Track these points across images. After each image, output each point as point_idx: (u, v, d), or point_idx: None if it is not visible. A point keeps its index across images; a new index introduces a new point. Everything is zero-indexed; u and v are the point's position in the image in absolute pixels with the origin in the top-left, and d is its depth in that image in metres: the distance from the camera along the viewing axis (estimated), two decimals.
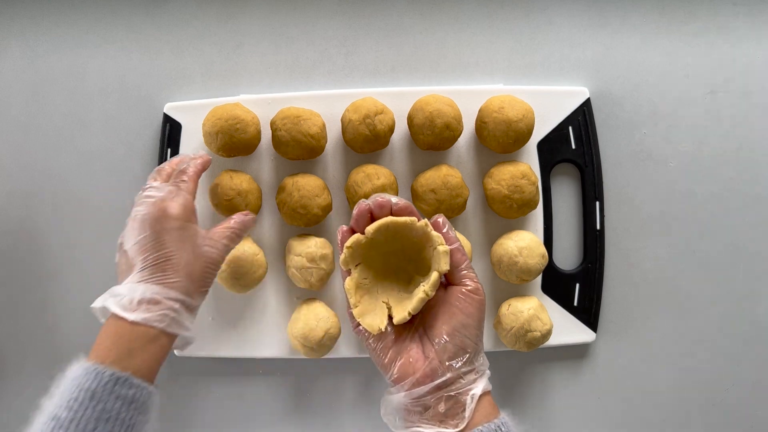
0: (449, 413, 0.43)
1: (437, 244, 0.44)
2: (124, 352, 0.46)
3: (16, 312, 0.67)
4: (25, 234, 0.67)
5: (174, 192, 0.52)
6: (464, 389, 0.43)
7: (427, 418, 0.43)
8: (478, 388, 0.43)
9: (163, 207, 0.50)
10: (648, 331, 0.68)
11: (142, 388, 0.45)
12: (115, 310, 0.47)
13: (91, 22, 0.66)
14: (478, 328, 0.44)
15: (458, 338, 0.43)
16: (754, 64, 0.67)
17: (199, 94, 0.66)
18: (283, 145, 0.61)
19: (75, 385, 0.44)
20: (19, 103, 0.66)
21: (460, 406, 0.43)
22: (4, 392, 0.68)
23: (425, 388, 0.43)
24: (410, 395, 0.43)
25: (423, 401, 0.43)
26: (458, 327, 0.44)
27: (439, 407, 0.43)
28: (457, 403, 0.43)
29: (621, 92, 0.67)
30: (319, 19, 0.66)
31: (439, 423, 0.42)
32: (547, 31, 0.67)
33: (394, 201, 0.45)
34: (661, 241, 0.67)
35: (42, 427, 0.43)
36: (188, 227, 0.51)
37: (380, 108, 0.60)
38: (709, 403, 0.68)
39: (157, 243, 0.49)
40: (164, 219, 0.50)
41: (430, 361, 0.43)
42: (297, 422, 0.68)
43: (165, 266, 0.48)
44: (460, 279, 0.45)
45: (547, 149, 0.65)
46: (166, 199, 0.51)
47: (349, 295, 0.45)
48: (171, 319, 0.48)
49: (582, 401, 0.68)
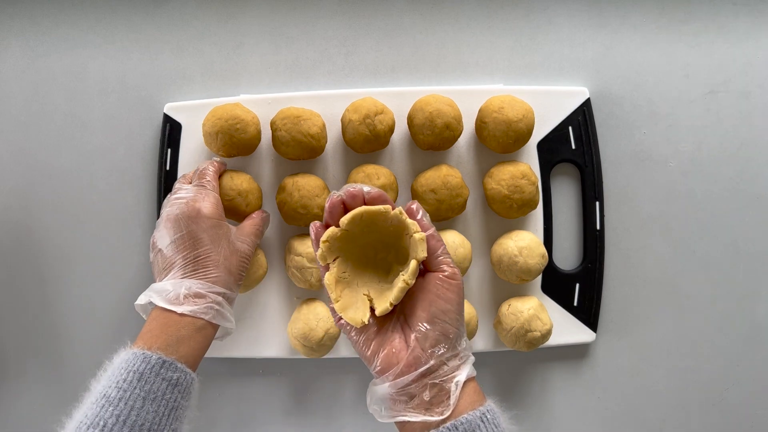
0: (434, 401, 0.43)
1: (413, 232, 0.44)
2: (173, 340, 0.49)
3: (16, 312, 0.67)
4: (25, 234, 0.67)
5: (203, 192, 0.55)
6: (448, 376, 0.43)
7: (412, 406, 0.43)
8: (462, 375, 0.43)
9: (196, 207, 0.54)
10: (648, 331, 0.68)
11: (186, 373, 0.48)
12: (163, 304, 0.50)
13: (91, 22, 0.66)
14: (458, 312, 0.44)
15: (439, 325, 0.43)
16: (754, 64, 0.67)
17: (199, 94, 0.66)
18: (283, 145, 0.61)
19: (124, 367, 0.46)
20: (19, 103, 0.67)
21: (444, 394, 0.43)
22: (4, 392, 0.68)
23: (409, 377, 0.43)
24: (395, 385, 0.43)
25: (408, 390, 0.43)
26: (438, 313, 0.44)
27: (423, 395, 0.43)
28: (441, 390, 0.43)
29: (621, 92, 0.67)
30: (319, 19, 0.66)
31: (425, 411, 0.43)
32: (547, 31, 0.67)
33: (366, 190, 0.44)
34: (661, 241, 0.67)
35: (92, 404, 0.45)
36: (221, 225, 0.55)
37: (380, 108, 0.60)
38: (709, 403, 0.68)
39: (195, 241, 0.53)
40: (199, 218, 0.53)
41: (412, 350, 0.43)
42: (297, 422, 0.68)
43: (206, 263, 0.53)
44: (437, 265, 0.45)
45: (547, 149, 0.65)
46: (198, 199, 0.54)
47: (329, 290, 0.45)
48: (216, 311, 0.52)
49: (582, 401, 0.68)
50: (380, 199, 0.44)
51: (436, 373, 0.43)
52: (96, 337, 0.67)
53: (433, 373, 0.43)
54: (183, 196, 0.55)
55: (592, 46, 0.67)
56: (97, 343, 0.67)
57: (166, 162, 0.65)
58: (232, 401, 0.68)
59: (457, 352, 0.44)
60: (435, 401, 0.43)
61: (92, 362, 0.67)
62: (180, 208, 0.54)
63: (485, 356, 0.67)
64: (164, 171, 0.65)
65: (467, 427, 0.42)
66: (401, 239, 0.46)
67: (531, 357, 0.68)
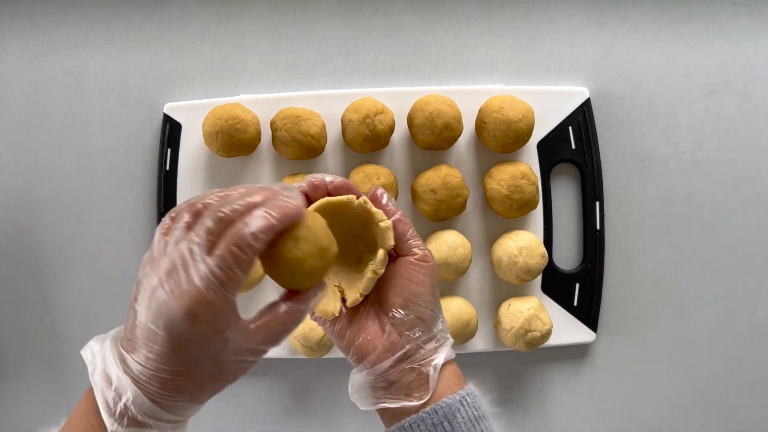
0: (413, 385, 0.42)
1: (379, 221, 0.43)
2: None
3: (16, 312, 0.67)
4: (25, 234, 0.67)
5: (219, 279, 0.34)
6: (426, 360, 0.43)
7: (391, 392, 0.42)
8: (440, 358, 0.43)
9: (192, 311, 0.34)
10: (648, 331, 0.68)
11: None
12: (99, 399, 0.37)
13: (91, 22, 0.66)
14: (431, 294, 0.43)
15: (413, 308, 0.43)
16: (754, 64, 0.67)
17: (199, 94, 0.66)
18: (283, 145, 0.61)
19: None
20: (19, 103, 0.66)
21: (423, 378, 0.42)
22: (4, 392, 0.68)
23: (386, 363, 0.42)
24: (372, 372, 0.43)
25: (386, 376, 0.43)
26: (411, 297, 0.43)
27: (402, 380, 0.42)
28: (419, 375, 0.42)
29: (621, 92, 0.67)
30: (319, 19, 0.66)
31: (404, 396, 0.42)
32: (547, 31, 0.67)
33: (329, 180, 0.43)
34: (661, 241, 0.67)
35: None
36: (218, 339, 0.36)
37: (380, 108, 0.60)
38: (709, 403, 0.68)
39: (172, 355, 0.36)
40: (190, 324, 0.35)
41: (387, 336, 0.43)
42: (297, 422, 0.68)
43: (172, 384, 0.37)
44: (408, 249, 0.44)
45: (547, 149, 0.65)
46: (203, 290, 0.34)
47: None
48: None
49: (582, 401, 0.68)
50: (344, 188, 0.43)
51: (413, 357, 0.42)
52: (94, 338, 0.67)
53: (410, 358, 0.42)
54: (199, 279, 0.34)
55: (592, 46, 0.67)
56: None
57: (166, 162, 0.65)
58: (232, 401, 0.68)
59: (433, 335, 0.43)
60: (414, 386, 0.42)
61: None
62: (169, 297, 0.35)
63: (485, 356, 0.67)
64: (164, 171, 0.65)
65: (447, 411, 0.41)
66: (369, 228, 0.45)
67: (531, 357, 0.68)
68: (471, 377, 0.64)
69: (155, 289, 0.36)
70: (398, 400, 0.42)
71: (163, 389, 0.36)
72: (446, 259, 0.60)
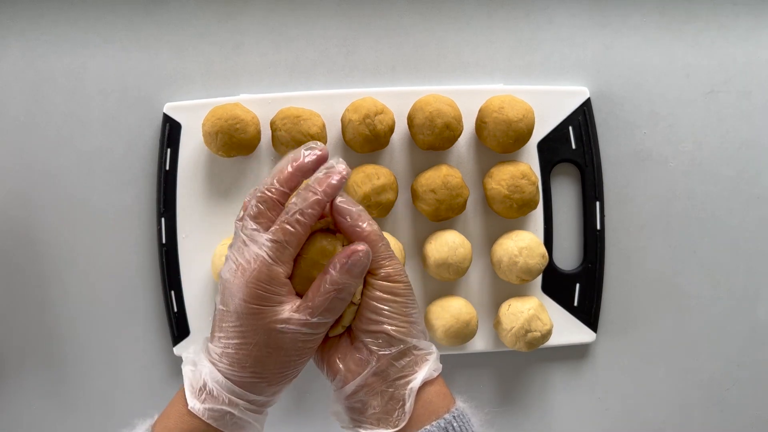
0: (388, 409, 0.39)
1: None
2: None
3: (15, 312, 0.67)
4: (24, 234, 0.67)
5: (271, 253, 0.38)
6: (402, 379, 0.40)
7: (366, 416, 0.40)
8: (417, 378, 0.40)
9: (247, 283, 0.38)
10: (648, 331, 0.68)
11: None
12: (186, 384, 0.41)
13: (91, 22, 0.66)
14: (396, 311, 0.40)
15: (377, 325, 0.40)
16: (754, 63, 0.67)
17: (199, 94, 0.66)
18: (283, 145, 0.61)
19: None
20: (19, 103, 0.66)
21: (397, 402, 0.39)
22: (4, 392, 0.68)
23: (357, 380, 0.40)
24: (342, 393, 0.41)
25: (359, 397, 0.40)
26: (372, 315, 0.40)
27: (375, 403, 0.40)
28: (392, 398, 0.39)
29: (621, 92, 0.67)
30: (319, 19, 0.66)
31: (378, 422, 0.40)
32: (547, 30, 0.67)
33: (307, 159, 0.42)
34: (661, 241, 0.67)
35: None
36: (271, 310, 0.39)
37: (380, 108, 0.60)
38: (710, 403, 0.68)
39: (233, 328, 0.39)
40: (245, 295, 0.39)
41: (357, 351, 0.41)
42: (297, 422, 0.68)
43: (236, 358, 0.40)
44: (375, 267, 0.41)
45: (547, 149, 0.65)
46: (255, 264, 0.38)
47: None
48: (230, 422, 0.41)
49: (582, 401, 0.68)
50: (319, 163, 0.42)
51: (386, 374, 0.40)
52: (96, 337, 0.67)
53: (382, 375, 0.40)
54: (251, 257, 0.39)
55: (592, 45, 0.67)
56: (97, 343, 0.67)
57: (166, 162, 0.65)
58: None
59: (405, 349, 0.40)
60: (388, 410, 0.39)
61: (92, 363, 0.67)
62: (234, 276, 0.39)
63: (485, 356, 0.67)
64: (164, 171, 0.65)
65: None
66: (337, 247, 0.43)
67: (531, 357, 0.68)
68: (471, 378, 0.64)
69: (227, 274, 0.40)
70: (372, 427, 0.40)
71: (230, 365, 0.39)
72: (446, 259, 0.60)
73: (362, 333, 0.41)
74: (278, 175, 0.40)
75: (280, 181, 0.40)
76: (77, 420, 0.67)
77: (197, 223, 0.64)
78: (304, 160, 0.41)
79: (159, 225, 0.65)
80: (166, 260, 0.64)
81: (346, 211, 0.41)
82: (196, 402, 0.40)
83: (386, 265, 0.42)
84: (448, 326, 0.60)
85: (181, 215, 0.64)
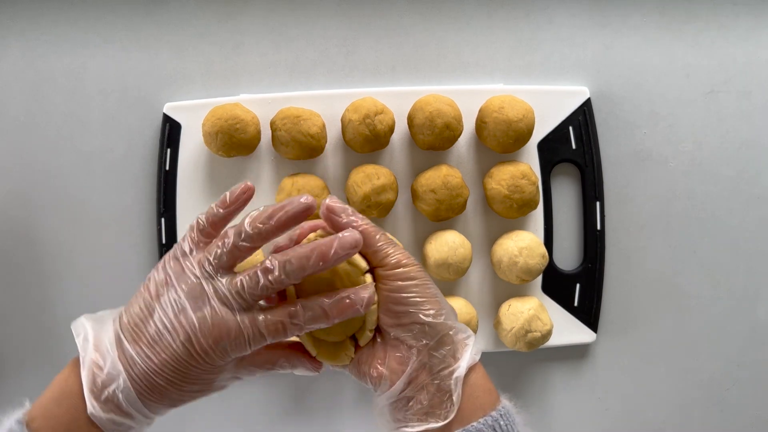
0: (434, 402, 0.38)
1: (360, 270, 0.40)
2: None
3: (14, 312, 0.67)
4: (24, 234, 0.67)
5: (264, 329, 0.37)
6: (445, 369, 0.39)
7: (412, 413, 0.39)
8: (462, 366, 0.38)
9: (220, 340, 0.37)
10: (648, 331, 0.68)
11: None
12: (85, 379, 0.37)
13: (91, 22, 0.66)
14: (422, 295, 0.39)
15: (405, 317, 0.39)
16: (754, 63, 0.67)
17: (198, 93, 0.66)
18: (282, 145, 0.61)
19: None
20: (19, 103, 0.66)
21: (444, 393, 0.38)
22: (4, 393, 0.68)
23: (402, 380, 0.39)
24: (389, 396, 0.40)
25: (404, 396, 0.39)
26: (398, 308, 0.39)
27: (421, 397, 0.38)
28: (439, 389, 0.38)
29: (621, 92, 0.67)
30: (319, 19, 0.66)
31: (425, 416, 0.38)
32: (547, 30, 0.67)
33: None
34: (661, 241, 0.67)
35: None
36: (224, 364, 0.39)
37: (380, 108, 0.60)
38: (710, 403, 0.68)
39: (175, 367, 0.37)
40: (211, 349, 0.37)
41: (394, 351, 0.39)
42: (297, 422, 0.68)
43: (161, 390, 0.38)
44: (380, 259, 0.40)
45: (547, 149, 0.65)
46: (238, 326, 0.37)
47: (306, 347, 0.43)
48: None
49: (582, 401, 0.68)
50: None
51: (429, 367, 0.39)
52: None
53: (426, 369, 0.39)
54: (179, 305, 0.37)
55: (592, 45, 0.67)
56: None
57: (166, 162, 0.65)
58: (231, 402, 0.68)
59: (441, 337, 0.39)
60: (435, 403, 0.38)
61: None
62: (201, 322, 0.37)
63: (485, 356, 0.66)
64: (164, 171, 0.65)
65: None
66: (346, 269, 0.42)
67: (531, 357, 0.68)
68: None
69: (184, 306, 0.37)
70: (419, 423, 0.38)
71: (150, 391, 0.37)
72: (446, 259, 0.60)
73: (394, 329, 0.40)
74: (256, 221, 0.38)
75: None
76: None
77: None
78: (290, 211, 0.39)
79: (159, 225, 0.65)
80: None
81: (340, 209, 0.40)
82: (99, 409, 0.36)
83: (392, 253, 0.40)
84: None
85: (181, 215, 0.64)
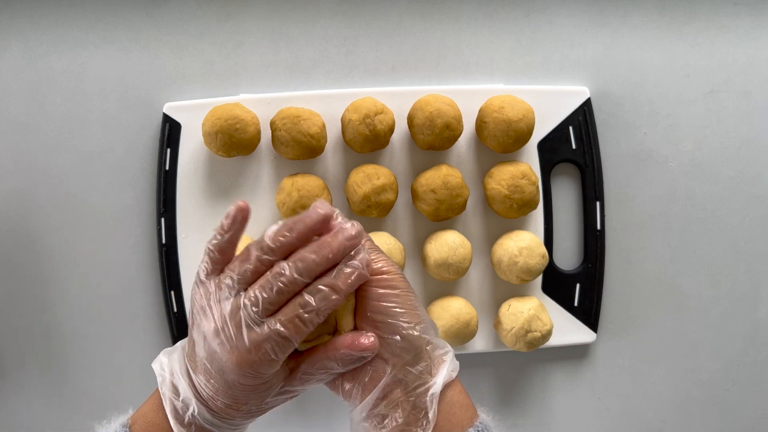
0: (410, 420, 0.37)
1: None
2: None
3: (14, 312, 0.67)
4: (24, 234, 0.67)
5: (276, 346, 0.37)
6: (421, 386, 0.37)
7: (387, 430, 0.38)
8: (438, 382, 0.37)
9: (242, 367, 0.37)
10: (648, 331, 0.68)
11: None
12: (168, 408, 0.39)
13: (91, 22, 0.66)
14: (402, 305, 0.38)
15: (384, 327, 0.38)
16: (754, 63, 0.67)
17: (198, 93, 0.66)
18: (282, 145, 0.61)
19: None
20: (18, 103, 0.66)
21: (419, 410, 0.37)
22: (3, 393, 0.68)
23: (373, 395, 0.38)
24: (362, 409, 0.39)
25: (378, 412, 0.38)
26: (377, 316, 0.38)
27: (395, 414, 0.37)
28: (415, 407, 0.37)
29: (621, 92, 0.67)
30: (319, 19, 0.66)
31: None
32: (547, 30, 0.67)
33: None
34: (661, 241, 0.67)
35: None
36: (265, 387, 0.40)
37: (380, 108, 0.60)
38: (710, 403, 0.68)
39: (224, 391, 0.39)
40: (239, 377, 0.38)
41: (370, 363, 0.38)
42: (297, 422, 0.68)
43: (224, 410, 0.40)
44: None
45: (548, 149, 0.65)
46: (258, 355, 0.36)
47: None
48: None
49: (582, 401, 0.68)
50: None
51: (404, 384, 0.38)
52: (95, 338, 0.67)
53: (401, 385, 0.38)
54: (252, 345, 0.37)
55: (592, 45, 0.67)
56: (97, 343, 0.67)
57: (166, 162, 0.65)
58: None
59: (418, 350, 0.38)
60: (411, 421, 0.37)
61: (92, 362, 0.67)
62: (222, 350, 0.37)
63: (485, 356, 0.67)
64: (164, 171, 0.65)
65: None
66: None
67: (531, 357, 0.68)
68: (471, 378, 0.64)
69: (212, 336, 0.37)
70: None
71: (218, 411, 0.39)
72: (446, 259, 0.60)
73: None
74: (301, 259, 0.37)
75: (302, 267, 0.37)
76: (77, 420, 0.67)
77: (197, 223, 0.64)
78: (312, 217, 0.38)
79: (159, 225, 0.65)
80: (166, 260, 0.64)
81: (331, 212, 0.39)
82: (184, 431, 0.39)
83: (376, 259, 0.39)
84: (448, 326, 0.60)
85: (181, 215, 0.64)
